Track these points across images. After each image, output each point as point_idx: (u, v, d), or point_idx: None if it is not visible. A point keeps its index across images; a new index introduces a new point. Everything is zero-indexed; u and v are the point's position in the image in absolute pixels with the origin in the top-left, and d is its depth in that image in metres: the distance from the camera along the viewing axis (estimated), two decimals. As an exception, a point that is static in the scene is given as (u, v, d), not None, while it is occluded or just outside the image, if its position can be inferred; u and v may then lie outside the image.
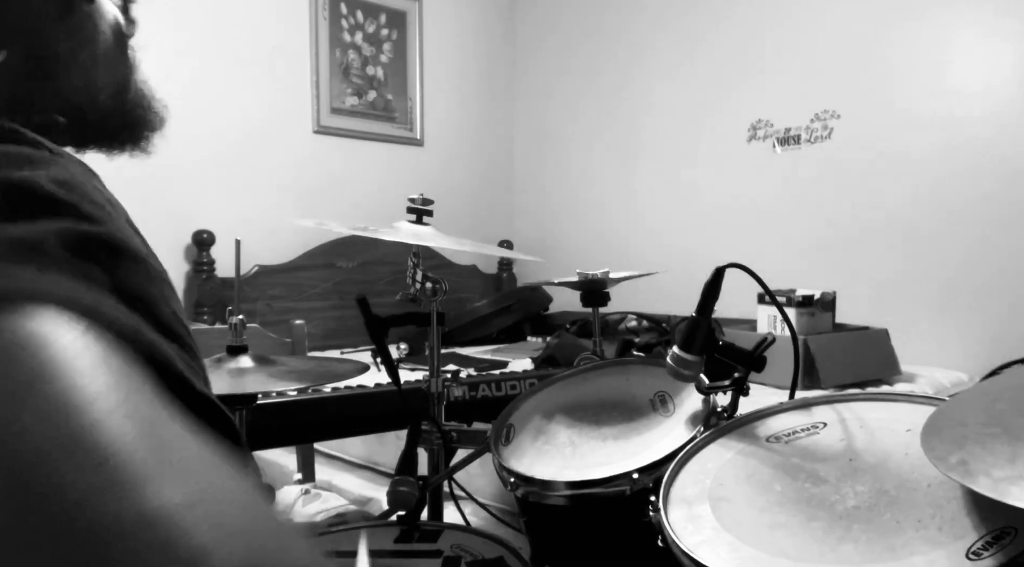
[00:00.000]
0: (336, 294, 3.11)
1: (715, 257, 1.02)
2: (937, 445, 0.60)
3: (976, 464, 0.54)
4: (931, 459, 0.58)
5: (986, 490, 0.51)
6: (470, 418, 1.42)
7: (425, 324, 1.23)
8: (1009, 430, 0.57)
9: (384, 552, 0.94)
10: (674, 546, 0.66)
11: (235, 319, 1.07)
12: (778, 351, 0.95)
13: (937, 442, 0.61)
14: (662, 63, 3.29)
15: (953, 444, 0.59)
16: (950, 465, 0.56)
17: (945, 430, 0.62)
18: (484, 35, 3.79)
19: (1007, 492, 0.50)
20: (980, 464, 0.54)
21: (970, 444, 0.57)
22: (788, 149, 2.89)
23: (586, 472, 0.90)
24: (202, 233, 2.74)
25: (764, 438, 0.83)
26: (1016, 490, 0.50)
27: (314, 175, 3.15)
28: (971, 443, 0.57)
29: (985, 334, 2.43)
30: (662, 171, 3.31)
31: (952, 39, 2.48)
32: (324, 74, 3.16)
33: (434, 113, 3.57)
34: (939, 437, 0.61)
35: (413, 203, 1.24)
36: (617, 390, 1.09)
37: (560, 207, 3.72)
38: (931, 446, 0.60)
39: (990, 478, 0.52)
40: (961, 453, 0.56)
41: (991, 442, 0.57)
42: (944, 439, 0.60)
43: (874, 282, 2.66)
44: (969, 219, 2.46)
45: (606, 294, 1.51)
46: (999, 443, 0.56)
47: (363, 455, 2.11)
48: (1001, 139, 2.38)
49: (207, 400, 0.36)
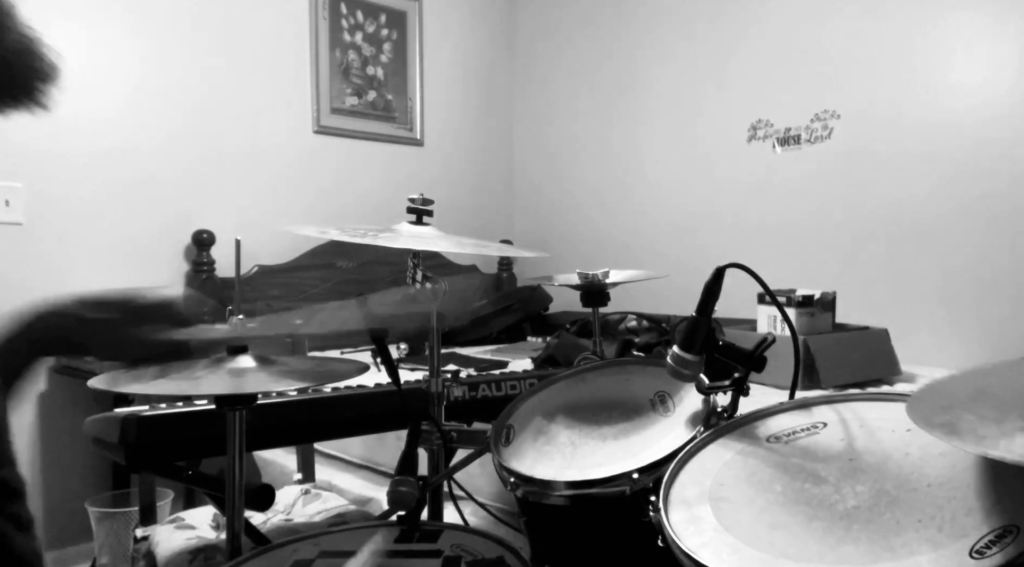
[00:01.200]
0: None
1: (715, 257, 1.02)
2: (923, 409, 0.59)
3: (962, 425, 0.54)
4: (914, 419, 0.57)
5: (971, 446, 0.50)
6: (470, 418, 1.41)
7: (425, 324, 1.22)
8: (1000, 400, 0.57)
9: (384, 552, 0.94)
10: (675, 547, 0.66)
11: (235, 319, 1.07)
12: (778, 351, 0.95)
13: (923, 407, 0.60)
14: (662, 63, 3.29)
15: (940, 409, 0.58)
16: (934, 425, 0.55)
17: (934, 399, 0.61)
18: (484, 35, 3.79)
19: (994, 446, 0.49)
20: (966, 425, 0.54)
21: (957, 409, 0.57)
22: (788, 149, 2.89)
23: (586, 472, 0.90)
24: (202, 233, 2.74)
25: (764, 438, 0.83)
26: (1005, 443, 0.49)
27: (314, 175, 3.15)
28: (958, 408, 0.57)
29: (985, 334, 2.43)
30: (662, 170, 3.30)
31: (952, 39, 2.48)
32: (324, 74, 3.16)
33: (434, 113, 3.57)
34: (926, 403, 0.61)
35: (413, 203, 1.24)
36: (617, 390, 1.09)
37: (560, 207, 3.72)
38: (915, 409, 0.59)
39: (975, 435, 0.51)
40: (947, 416, 0.56)
41: (979, 408, 0.56)
42: (931, 405, 0.60)
43: (874, 282, 2.66)
44: (969, 219, 2.46)
45: (606, 294, 1.51)
46: (987, 408, 0.55)
47: (363, 455, 2.11)
48: (1001, 139, 2.38)
49: None
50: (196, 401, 1.24)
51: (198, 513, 1.54)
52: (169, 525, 1.48)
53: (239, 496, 0.98)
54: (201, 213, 2.80)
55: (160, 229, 2.73)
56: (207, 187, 2.84)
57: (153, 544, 1.42)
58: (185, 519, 1.51)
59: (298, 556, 0.93)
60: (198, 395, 1.23)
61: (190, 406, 1.23)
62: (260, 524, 1.47)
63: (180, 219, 2.76)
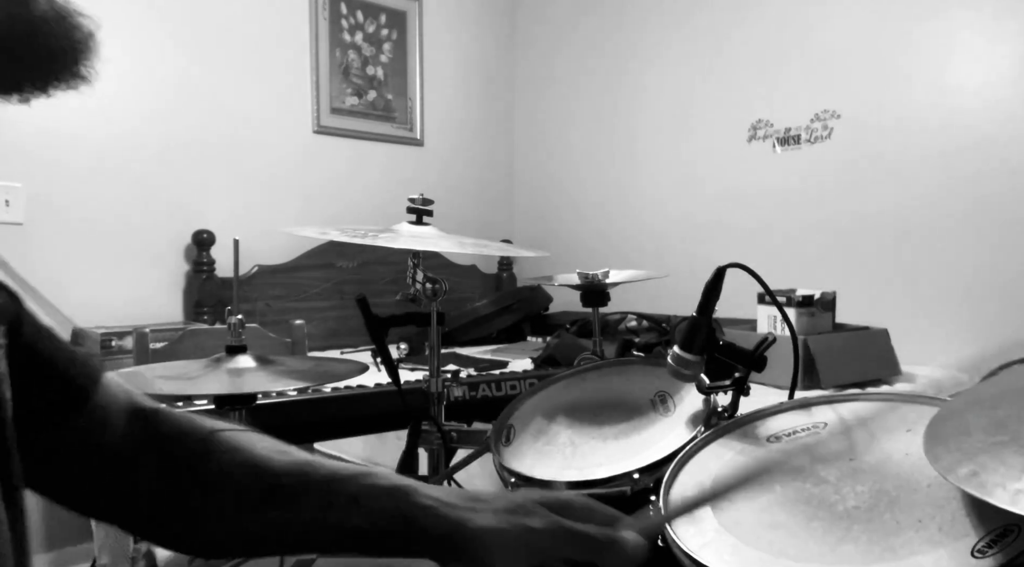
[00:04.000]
0: (336, 294, 3.11)
1: (715, 257, 1.02)
2: (944, 455, 0.58)
3: (988, 476, 0.53)
4: (940, 471, 0.56)
5: (1004, 503, 0.49)
6: (470, 418, 1.41)
7: (425, 324, 1.22)
8: (1017, 439, 0.56)
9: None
10: (676, 548, 0.66)
11: (234, 319, 1.07)
12: (778, 351, 0.95)
13: (943, 452, 0.59)
14: (662, 64, 3.29)
15: (960, 454, 0.57)
16: (961, 478, 0.54)
17: (950, 440, 0.60)
18: (484, 35, 3.79)
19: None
20: (993, 476, 0.52)
21: (979, 455, 0.56)
22: (788, 149, 2.89)
23: (587, 472, 0.90)
24: (202, 233, 2.74)
25: (764, 438, 0.83)
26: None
27: (314, 175, 3.15)
28: (980, 453, 0.56)
29: (984, 334, 2.43)
30: (662, 171, 3.31)
31: (952, 39, 2.48)
32: (324, 74, 3.16)
33: (434, 113, 3.57)
34: (945, 447, 0.59)
35: (413, 203, 1.24)
36: (617, 390, 1.09)
37: (560, 207, 3.72)
38: (937, 456, 0.59)
39: (1006, 491, 0.50)
40: (971, 464, 0.55)
41: (1000, 451, 0.55)
42: (950, 448, 0.59)
43: (874, 282, 2.65)
44: (969, 219, 2.46)
45: (606, 294, 1.51)
46: (1009, 452, 0.54)
47: (363, 455, 2.11)
48: (1001, 139, 2.38)
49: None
50: (196, 401, 1.24)
51: (198, 513, 1.53)
52: (169, 525, 1.48)
53: (239, 496, 0.98)
54: (201, 213, 2.80)
55: (160, 229, 2.73)
56: (207, 187, 2.84)
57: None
58: (185, 519, 1.50)
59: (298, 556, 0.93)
60: (198, 395, 1.23)
61: (190, 406, 1.23)
62: (260, 524, 1.46)
63: (180, 219, 2.76)
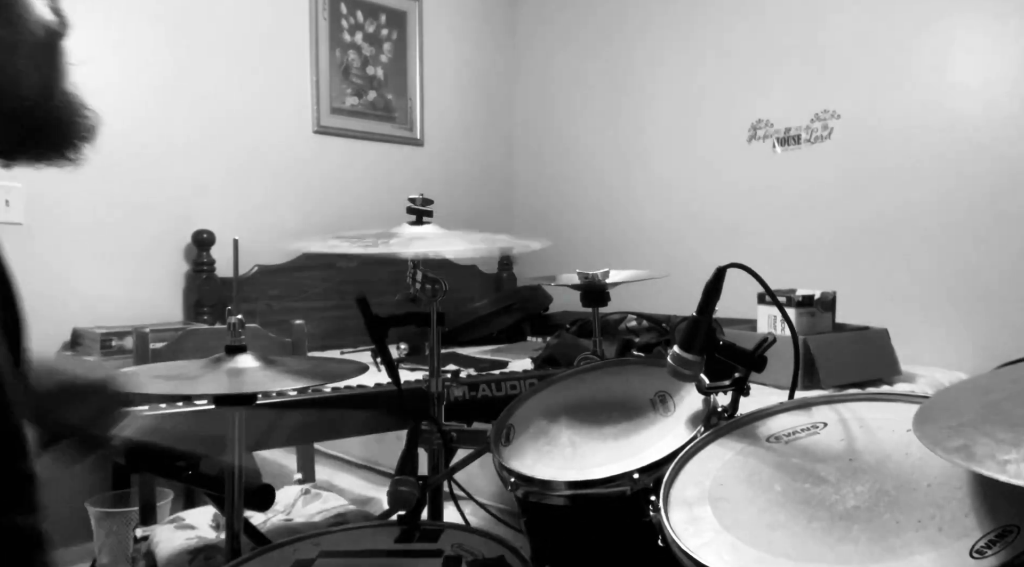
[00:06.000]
0: (336, 294, 3.11)
1: (715, 257, 1.02)
2: (933, 432, 0.57)
3: (979, 448, 0.52)
4: (927, 445, 0.55)
5: (994, 473, 0.48)
6: (470, 418, 1.41)
7: (425, 324, 1.22)
8: (1009, 418, 0.55)
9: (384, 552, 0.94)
10: (676, 548, 0.66)
11: (233, 319, 1.07)
12: (778, 351, 0.95)
13: (933, 429, 0.58)
14: (662, 64, 3.29)
15: (951, 431, 0.56)
16: (950, 450, 0.53)
17: (940, 419, 0.60)
18: (484, 35, 3.79)
19: (1018, 473, 0.47)
20: (983, 448, 0.52)
21: (968, 430, 0.55)
22: (788, 149, 2.89)
23: (587, 472, 0.90)
24: (202, 233, 2.74)
25: (764, 438, 0.83)
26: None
27: (314, 175, 3.15)
28: (969, 429, 0.55)
29: (985, 334, 2.43)
30: (662, 171, 3.30)
31: (953, 39, 2.47)
32: (324, 74, 3.16)
33: (434, 113, 3.56)
34: (934, 424, 0.59)
35: (413, 203, 1.24)
36: (617, 390, 1.09)
37: (560, 207, 3.72)
38: (926, 433, 0.58)
39: (995, 461, 0.49)
40: (961, 439, 0.54)
41: (991, 428, 0.54)
42: (940, 426, 0.58)
43: (874, 282, 2.65)
44: (969, 219, 2.46)
45: (606, 294, 1.51)
46: (999, 429, 0.54)
47: (363, 455, 2.11)
48: (1001, 139, 2.38)
49: None
50: (196, 401, 1.24)
51: (198, 513, 1.54)
52: (169, 525, 1.48)
53: (239, 496, 0.98)
54: (201, 213, 2.80)
55: (160, 229, 2.73)
56: (207, 187, 2.84)
57: (153, 544, 1.42)
58: (185, 519, 1.51)
59: (298, 556, 0.93)
60: (197, 395, 1.23)
61: (190, 406, 1.23)
62: (260, 524, 1.47)
63: (180, 219, 2.76)
